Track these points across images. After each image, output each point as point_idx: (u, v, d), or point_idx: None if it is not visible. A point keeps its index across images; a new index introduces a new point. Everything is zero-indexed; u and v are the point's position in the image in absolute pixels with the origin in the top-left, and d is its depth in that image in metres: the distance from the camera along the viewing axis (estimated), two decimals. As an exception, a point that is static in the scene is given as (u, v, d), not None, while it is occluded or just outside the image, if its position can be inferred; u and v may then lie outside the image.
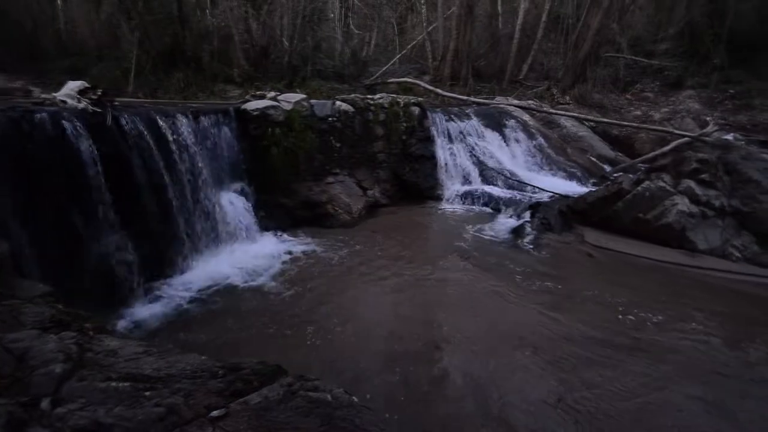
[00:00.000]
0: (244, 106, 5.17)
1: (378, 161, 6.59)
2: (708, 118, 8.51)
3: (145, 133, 3.70)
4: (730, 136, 6.58)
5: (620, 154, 8.36)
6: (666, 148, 6.44)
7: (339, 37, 12.41)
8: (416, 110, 7.10)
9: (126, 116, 3.61)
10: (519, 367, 2.86)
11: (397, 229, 5.47)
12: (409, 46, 13.55)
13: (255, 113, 5.09)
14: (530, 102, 9.67)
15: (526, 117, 8.75)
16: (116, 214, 3.38)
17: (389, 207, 6.29)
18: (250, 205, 4.91)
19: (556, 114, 8.81)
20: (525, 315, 3.50)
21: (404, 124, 6.90)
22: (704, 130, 6.68)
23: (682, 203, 4.75)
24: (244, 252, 4.49)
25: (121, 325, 3.18)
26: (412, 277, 4.10)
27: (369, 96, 7.02)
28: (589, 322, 3.39)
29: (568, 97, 10.25)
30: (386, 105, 6.75)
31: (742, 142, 6.47)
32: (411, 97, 7.54)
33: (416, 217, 6.05)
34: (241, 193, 4.93)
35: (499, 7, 12.62)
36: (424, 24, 13.20)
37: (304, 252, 4.63)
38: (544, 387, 2.68)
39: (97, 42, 8.16)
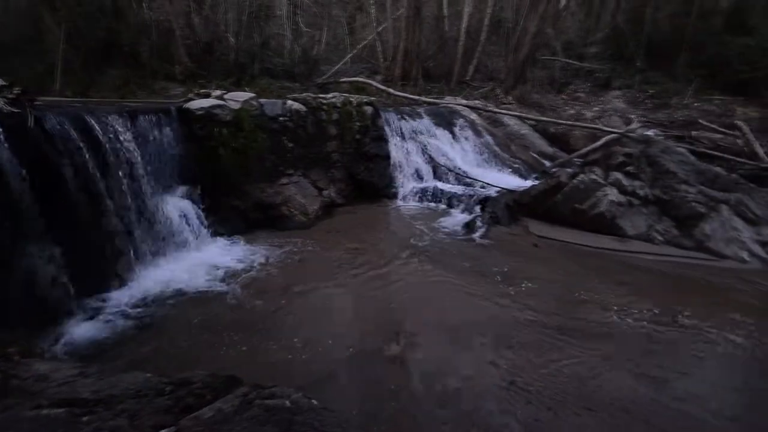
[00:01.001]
0: (187, 105, 4.87)
1: (333, 161, 6.51)
2: (632, 116, 9.33)
3: (75, 135, 3.36)
4: (651, 132, 7.26)
5: (558, 150, 8.92)
6: (597, 144, 6.99)
7: (288, 34, 12.07)
8: (369, 110, 7.10)
9: (51, 117, 3.26)
10: (474, 355, 2.97)
11: (354, 228, 5.45)
12: (360, 46, 13.51)
13: (200, 113, 4.82)
14: (477, 102, 10.03)
15: (473, 116, 9.07)
16: (44, 224, 3.04)
17: (346, 206, 6.24)
18: (198, 209, 4.63)
19: (500, 113, 9.22)
20: (478, 305, 3.63)
21: (358, 124, 6.87)
22: (629, 127, 7.31)
23: (612, 194, 5.17)
24: (194, 259, 4.23)
25: (55, 347, 2.87)
26: (370, 276, 4.10)
27: (321, 95, 6.91)
28: (537, 307, 3.59)
29: (510, 97, 10.76)
30: (339, 104, 6.69)
31: (661, 138, 7.17)
32: (364, 97, 7.53)
33: (373, 216, 6.06)
34: (189, 197, 4.64)
35: (445, 10, 12.93)
36: (374, 24, 13.21)
37: (258, 256, 4.45)
38: (497, 371, 2.80)
39: (15, 35, 7.30)
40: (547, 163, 8.39)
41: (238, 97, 5.33)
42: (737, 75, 10.10)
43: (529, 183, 6.86)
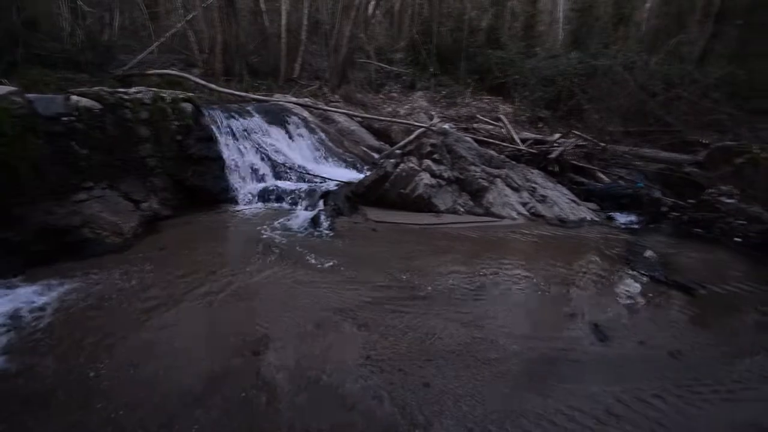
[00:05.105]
0: None
1: (149, 167, 5.44)
2: (433, 113, 10.99)
3: None
4: (447, 126, 8.71)
5: (383, 143, 9.79)
6: (411, 137, 7.96)
7: (65, 13, 9.35)
8: (189, 107, 6.19)
9: None
10: (332, 342, 3.03)
11: (189, 241, 4.73)
12: (168, 34, 11.58)
13: None
14: (307, 99, 10.01)
15: (305, 114, 9.02)
16: None
17: (175, 218, 5.35)
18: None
19: (330, 111, 9.46)
20: (330, 294, 3.70)
21: (176, 123, 5.91)
22: (432, 122, 8.59)
23: (426, 178, 6.02)
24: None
25: None
26: (214, 291, 3.65)
27: (122, 90, 5.64)
28: (381, 284, 3.90)
29: (337, 96, 11.15)
30: (148, 101, 5.59)
31: (454, 129, 8.70)
32: (179, 92, 6.49)
33: (211, 225, 5.39)
34: None
35: (262, 5, 12.30)
36: (182, 11, 11.52)
37: (47, 299, 3.35)
38: (354, 351, 2.94)
39: None
40: (376, 155, 9.11)
41: (-15, 92, 3.84)
42: (496, 80, 13.09)
43: (363, 174, 7.31)
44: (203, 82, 8.42)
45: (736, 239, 5.39)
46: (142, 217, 4.85)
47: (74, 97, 4.77)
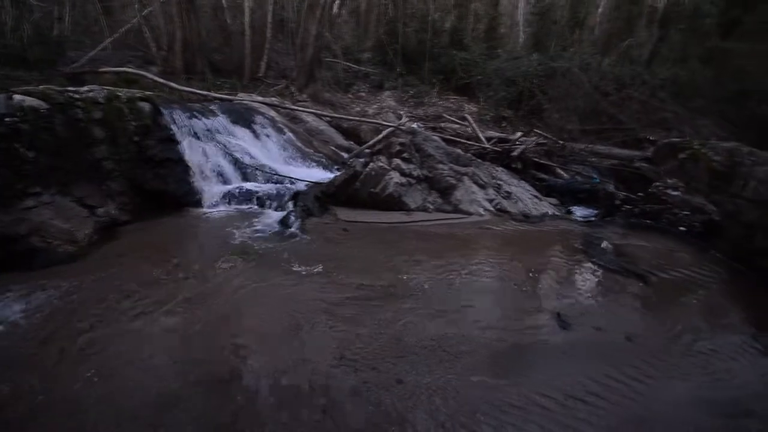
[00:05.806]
0: None
1: (105, 171, 5.12)
2: (401, 113, 11.06)
3: None
4: (415, 125, 8.80)
5: (352, 142, 9.74)
6: (380, 136, 7.97)
7: (9, 7, 8.61)
8: (147, 106, 5.88)
9: None
10: (307, 343, 3.00)
11: (151, 247, 4.49)
12: (122, 29, 10.94)
13: None
14: (273, 99, 9.78)
15: (272, 113, 8.82)
16: None
17: (135, 224, 5.06)
18: None
19: (298, 110, 9.30)
20: (303, 296, 3.65)
21: (134, 123, 5.60)
22: (400, 122, 8.65)
23: (396, 177, 6.05)
24: None
25: None
26: (182, 298, 3.50)
27: (72, 89, 5.27)
28: (353, 284, 3.88)
29: (305, 95, 10.97)
30: (102, 100, 5.26)
31: (422, 128, 8.81)
32: (136, 91, 6.16)
33: (175, 229, 5.15)
34: None
35: (224, 1, 11.88)
36: (137, 6, 10.91)
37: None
38: (328, 352, 2.92)
39: None
40: (345, 155, 9.05)
41: None
42: (462, 80, 13.36)
43: (333, 174, 7.23)
44: (162, 81, 8.03)
45: (681, 228, 5.81)
46: (97, 223, 4.55)
47: (17, 96, 4.41)
